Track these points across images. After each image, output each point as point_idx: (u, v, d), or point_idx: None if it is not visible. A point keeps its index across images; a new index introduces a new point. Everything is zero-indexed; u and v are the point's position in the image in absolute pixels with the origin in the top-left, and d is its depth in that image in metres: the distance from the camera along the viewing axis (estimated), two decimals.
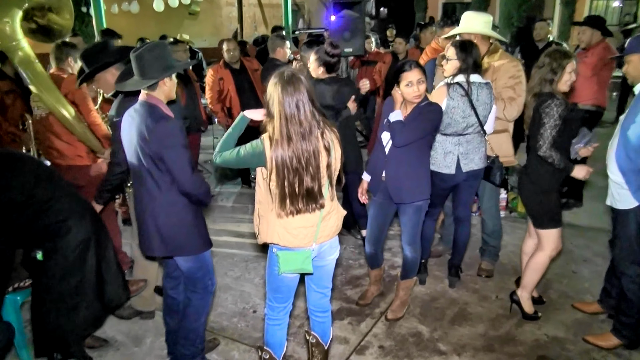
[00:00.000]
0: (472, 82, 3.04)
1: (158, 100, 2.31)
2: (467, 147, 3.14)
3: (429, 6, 16.66)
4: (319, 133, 2.08)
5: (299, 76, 2.06)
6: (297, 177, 2.07)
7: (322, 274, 2.43)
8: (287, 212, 2.13)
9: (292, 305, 2.50)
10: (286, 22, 9.60)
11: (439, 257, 3.93)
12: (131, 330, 3.13)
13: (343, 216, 2.37)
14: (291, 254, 2.21)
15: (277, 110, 2.04)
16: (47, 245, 2.44)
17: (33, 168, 2.43)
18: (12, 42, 3.26)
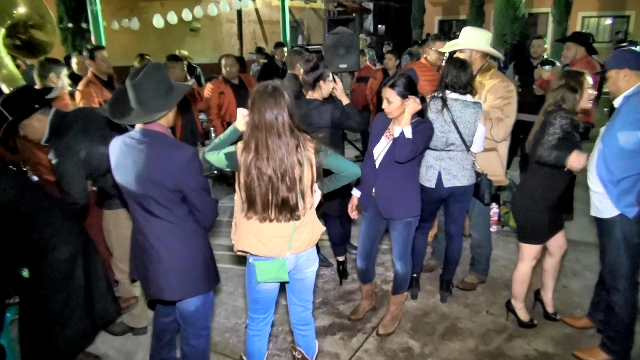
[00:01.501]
0: (456, 99, 3.12)
1: (161, 126, 2.21)
2: (450, 163, 3.19)
3: (425, 23, 16.89)
4: (294, 146, 2.13)
5: (282, 91, 2.12)
6: (270, 185, 2.12)
7: (302, 286, 2.45)
8: (259, 217, 2.18)
9: (272, 317, 2.53)
10: (284, 39, 9.73)
11: (432, 271, 3.96)
12: (123, 346, 3.15)
13: (319, 230, 2.39)
14: (266, 263, 2.24)
15: (257, 120, 2.10)
16: (33, 262, 2.43)
17: (18, 183, 2.42)
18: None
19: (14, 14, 3.49)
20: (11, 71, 3.46)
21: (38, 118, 2.67)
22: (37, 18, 3.64)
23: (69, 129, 2.72)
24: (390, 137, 2.93)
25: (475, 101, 3.18)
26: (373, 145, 3.04)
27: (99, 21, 6.03)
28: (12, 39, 3.55)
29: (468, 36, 3.55)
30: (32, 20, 3.62)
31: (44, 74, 3.67)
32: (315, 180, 2.25)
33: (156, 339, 2.67)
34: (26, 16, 3.58)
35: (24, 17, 3.56)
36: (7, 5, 3.46)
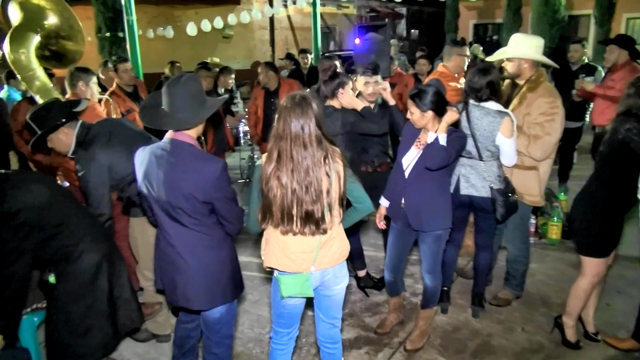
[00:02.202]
0: (476, 105, 3.02)
1: (191, 138, 2.23)
2: (470, 171, 3.10)
3: (459, 27, 16.59)
4: (322, 157, 2.07)
5: (310, 100, 2.06)
6: (294, 197, 2.05)
7: (329, 304, 2.38)
8: (281, 230, 2.13)
9: (297, 331, 2.46)
10: (315, 45, 9.72)
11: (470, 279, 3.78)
12: (147, 353, 3.14)
13: (348, 246, 2.32)
14: (290, 278, 2.19)
15: (282, 129, 2.04)
16: (59, 268, 2.47)
17: (48, 191, 2.47)
18: (29, 72, 3.41)
19: (45, 25, 3.58)
20: (44, 83, 3.54)
21: (64, 132, 2.75)
22: (66, 29, 3.73)
23: (94, 141, 2.78)
24: (420, 147, 2.83)
25: (501, 110, 3.03)
26: (402, 154, 2.94)
27: (134, 30, 6.14)
28: (42, 50, 3.65)
29: (517, 44, 3.31)
30: (62, 31, 3.71)
31: (73, 82, 3.75)
32: (343, 194, 2.17)
33: (178, 346, 2.66)
34: (56, 27, 3.66)
35: (55, 28, 3.64)
36: (39, 17, 3.55)
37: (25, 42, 3.43)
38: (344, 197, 2.18)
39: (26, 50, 3.42)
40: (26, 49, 3.42)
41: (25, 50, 3.41)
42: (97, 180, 2.74)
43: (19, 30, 3.46)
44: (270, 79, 5.28)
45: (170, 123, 2.19)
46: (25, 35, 3.45)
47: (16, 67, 3.46)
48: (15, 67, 3.47)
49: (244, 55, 14.03)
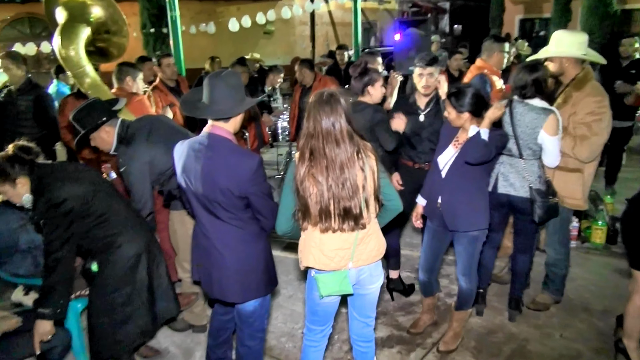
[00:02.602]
0: (520, 102, 2.95)
1: (228, 132, 2.27)
2: (509, 170, 3.03)
3: (504, 22, 16.10)
4: (355, 152, 2.06)
5: (338, 97, 2.05)
6: (331, 194, 2.05)
7: (363, 303, 2.37)
8: (320, 228, 2.12)
9: (331, 329, 2.47)
10: (356, 40, 9.64)
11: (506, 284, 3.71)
12: (183, 343, 3.24)
13: (384, 244, 2.31)
14: (329, 277, 2.18)
15: (313, 128, 2.05)
16: (101, 258, 2.57)
17: (94, 181, 2.58)
18: (79, 69, 3.52)
19: (91, 21, 3.70)
20: (94, 79, 3.65)
21: (106, 130, 2.83)
22: (111, 24, 3.84)
23: (135, 138, 2.86)
24: (457, 146, 2.79)
25: (546, 107, 2.94)
26: (439, 153, 2.90)
27: (178, 26, 6.29)
28: (88, 45, 3.77)
29: (559, 42, 3.20)
30: (107, 26, 3.82)
31: (121, 77, 3.88)
32: (377, 189, 2.16)
33: (213, 337, 2.73)
34: (102, 23, 3.78)
35: (100, 23, 3.76)
36: (84, 13, 3.66)
37: (75, 38, 3.53)
38: (379, 191, 2.17)
39: (76, 47, 3.53)
40: (76, 46, 3.53)
41: (75, 46, 3.52)
42: (138, 175, 2.83)
43: (68, 27, 3.56)
44: (306, 76, 5.32)
45: (208, 112, 2.25)
46: (75, 32, 3.55)
47: (67, 64, 3.58)
48: (66, 64, 3.59)
49: (284, 51, 14.14)
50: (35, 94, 4.15)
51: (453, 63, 5.88)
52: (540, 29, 16.91)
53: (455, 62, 5.83)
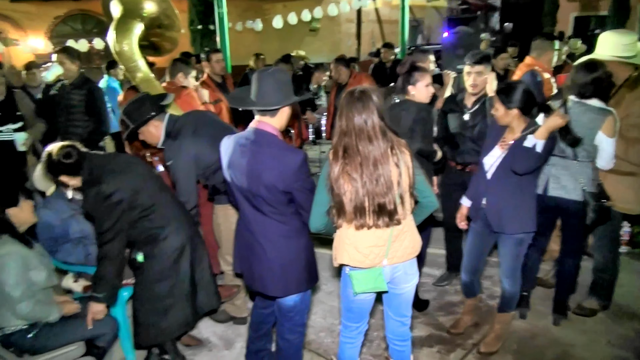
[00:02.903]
0: (577, 102, 2.83)
1: (274, 128, 2.29)
2: (561, 172, 2.92)
3: (558, 20, 15.50)
4: (389, 149, 2.04)
5: (370, 94, 2.04)
6: (365, 191, 2.04)
7: (399, 302, 2.35)
8: (355, 225, 2.11)
9: (367, 326, 2.46)
10: (402, 38, 9.52)
11: (551, 288, 3.58)
12: (224, 334, 3.31)
13: (420, 242, 2.28)
14: (363, 273, 2.17)
15: (345, 125, 2.05)
16: (146, 249, 2.65)
17: (143, 174, 2.66)
18: (132, 63, 3.62)
19: (145, 16, 3.80)
20: (146, 73, 3.76)
21: (154, 124, 2.91)
22: (164, 19, 3.94)
23: (181, 132, 2.93)
24: (504, 147, 2.71)
25: (604, 108, 2.82)
26: (485, 154, 2.83)
27: (225, 23, 6.41)
28: (141, 40, 3.89)
29: (601, 44, 3.11)
30: (160, 21, 3.92)
31: (173, 72, 3.99)
32: (413, 185, 2.13)
33: (253, 329, 2.77)
34: (155, 17, 3.88)
35: (154, 18, 3.86)
36: (138, 8, 3.77)
37: (128, 33, 3.64)
38: (414, 187, 2.14)
39: (130, 42, 3.64)
40: (129, 40, 3.64)
41: (129, 41, 3.64)
42: (184, 169, 2.90)
43: (122, 22, 3.68)
44: (341, 73, 5.34)
45: (254, 104, 2.28)
46: (129, 27, 3.67)
47: (121, 58, 3.71)
48: (120, 58, 3.71)
49: (329, 48, 14.13)
50: (87, 89, 4.31)
51: (499, 62, 5.70)
52: (596, 27, 16.17)
53: (501, 61, 5.65)
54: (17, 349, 2.49)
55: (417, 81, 3.14)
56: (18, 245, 2.50)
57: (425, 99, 3.19)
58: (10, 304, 2.42)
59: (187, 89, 3.96)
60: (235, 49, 7.06)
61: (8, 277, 2.40)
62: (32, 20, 13.04)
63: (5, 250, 2.43)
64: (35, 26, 13.06)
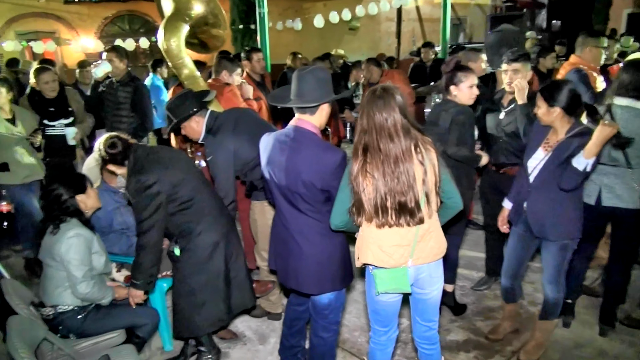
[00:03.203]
0: (625, 106, 2.69)
1: (314, 126, 2.30)
2: (614, 181, 2.76)
3: (610, 17, 14.84)
4: (412, 146, 2.00)
5: (392, 92, 2.01)
6: (386, 189, 2.00)
7: (425, 307, 2.29)
8: (377, 223, 2.07)
9: (396, 332, 2.41)
10: (444, 37, 9.36)
11: (598, 297, 3.43)
12: (259, 328, 3.34)
13: (445, 243, 2.21)
14: (386, 272, 2.13)
15: (366, 123, 2.02)
16: (182, 243, 2.70)
17: (184, 168, 2.70)
18: (179, 60, 3.71)
19: (192, 15, 3.90)
20: (192, 70, 3.85)
21: (196, 120, 2.97)
22: (211, 17, 4.03)
23: (221, 129, 2.97)
24: (548, 149, 2.61)
25: None
26: (528, 156, 2.73)
27: (265, 22, 6.47)
28: (190, 38, 3.99)
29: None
30: (207, 19, 4.01)
31: (218, 70, 4.06)
32: (439, 183, 2.08)
33: (287, 326, 2.78)
34: (203, 16, 3.97)
35: (201, 17, 3.95)
36: (187, 7, 3.87)
37: (176, 31, 3.75)
38: (440, 186, 2.09)
39: (177, 40, 3.74)
40: (177, 38, 3.74)
41: (176, 39, 3.74)
42: (223, 164, 2.94)
43: (171, 21, 3.79)
44: (373, 72, 5.31)
45: (294, 102, 2.29)
46: (177, 25, 3.78)
47: (168, 55, 3.81)
48: (168, 55, 3.82)
49: (369, 47, 14.04)
50: (133, 86, 4.44)
51: (548, 61, 5.51)
52: None
53: (550, 60, 5.45)
54: (65, 329, 2.60)
55: (460, 81, 3.05)
56: (85, 229, 2.64)
57: (468, 100, 3.09)
58: (73, 283, 2.55)
59: (230, 86, 4.02)
60: (275, 48, 7.11)
61: (74, 257, 2.54)
62: (84, 20, 13.58)
63: (74, 232, 2.57)
64: (86, 26, 13.60)
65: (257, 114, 3.48)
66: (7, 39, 11.62)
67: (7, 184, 3.81)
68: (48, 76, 4.26)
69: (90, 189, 2.75)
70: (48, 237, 2.60)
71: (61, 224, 2.59)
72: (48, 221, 2.63)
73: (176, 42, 3.72)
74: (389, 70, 5.80)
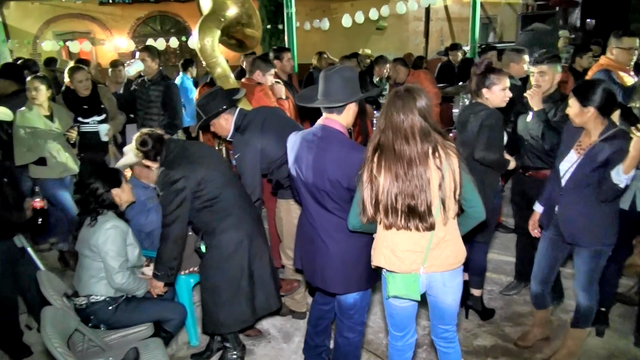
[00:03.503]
0: None
1: (341, 125, 2.30)
2: None
3: None
4: (429, 150, 1.95)
5: (414, 93, 1.97)
6: (397, 190, 1.97)
7: (441, 312, 2.24)
8: (385, 224, 2.04)
9: (415, 337, 2.37)
10: (473, 36, 9.22)
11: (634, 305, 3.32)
12: (283, 327, 3.35)
13: (464, 253, 2.14)
14: (398, 277, 2.10)
15: (383, 123, 2.00)
16: (207, 239, 2.73)
17: (214, 165, 2.71)
18: (213, 59, 3.77)
19: (227, 15, 3.96)
20: (225, 69, 3.91)
21: (225, 117, 3.00)
22: (246, 18, 4.09)
23: (249, 127, 3.00)
24: (580, 152, 2.54)
25: None
26: (560, 159, 2.66)
27: (293, 22, 6.49)
28: (227, 37, 4.06)
29: None
30: (242, 20, 4.07)
31: (252, 69, 4.10)
32: (458, 190, 2.00)
33: (312, 325, 2.78)
34: (237, 17, 4.03)
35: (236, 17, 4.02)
36: (223, 8, 3.94)
37: (210, 31, 3.83)
38: (459, 193, 2.02)
39: (211, 39, 3.81)
40: (211, 38, 3.81)
41: (211, 39, 3.81)
42: (249, 162, 2.97)
43: (206, 21, 3.88)
44: (400, 72, 5.29)
45: (321, 101, 2.30)
46: (211, 25, 3.86)
47: (202, 54, 3.89)
48: (202, 54, 3.90)
49: (396, 46, 13.93)
50: (164, 85, 4.53)
51: (584, 61, 5.36)
52: None
53: (587, 59, 5.30)
54: (96, 319, 2.67)
55: (493, 84, 2.95)
56: (121, 221, 2.71)
57: (500, 103, 3.01)
58: (109, 273, 2.62)
59: (262, 85, 4.05)
60: (302, 48, 7.13)
61: (111, 248, 2.61)
62: (117, 21, 13.89)
63: (111, 223, 2.64)
64: (119, 27, 13.91)
65: (285, 113, 3.49)
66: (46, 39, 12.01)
67: (44, 178, 3.93)
68: (82, 75, 4.37)
69: (125, 183, 2.81)
70: (85, 229, 2.67)
71: (98, 216, 2.66)
72: (85, 214, 2.70)
73: (210, 42, 3.80)
74: (415, 70, 5.74)
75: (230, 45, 4.33)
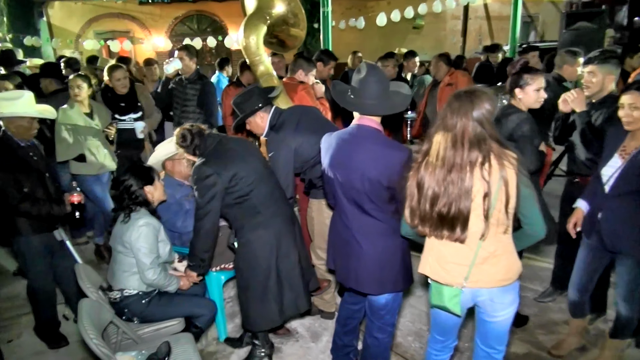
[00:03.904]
0: None
1: (377, 124, 2.29)
2: None
3: None
4: (478, 158, 1.86)
5: (474, 98, 1.87)
6: (432, 195, 1.91)
7: (486, 330, 2.16)
8: (419, 230, 2.01)
9: (455, 342, 2.33)
10: (513, 35, 8.98)
11: None
12: (312, 326, 3.35)
13: (518, 268, 2.04)
14: (439, 288, 2.05)
15: (438, 124, 1.95)
16: (238, 236, 2.75)
17: (249, 162, 2.72)
18: (256, 57, 3.79)
19: (273, 14, 3.98)
20: (268, 67, 3.92)
21: (260, 116, 3.02)
22: (291, 17, 4.09)
23: (284, 125, 3.00)
24: (625, 157, 2.44)
25: None
26: (604, 163, 2.56)
27: (329, 21, 6.48)
28: (270, 36, 4.07)
29: None
30: (287, 19, 4.07)
31: (294, 68, 4.11)
32: (510, 204, 1.89)
33: (341, 325, 2.78)
34: (283, 15, 4.04)
35: (282, 16, 4.02)
36: (269, 6, 3.95)
37: (255, 29, 3.84)
38: (512, 207, 1.90)
39: (256, 37, 3.83)
40: (256, 36, 3.83)
41: (256, 36, 3.82)
42: (283, 161, 2.97)
43: (251, 19, 3.90)
44: (440, 69, 5.17)
45: (358, 106, 2.29)
46: (256, 23, 3.87)
47: (246, 51, 3.91)
48: (246, 51, 3.92)
49: (432, 46, 13.74)
50: (201, 84, 4.61)
51: (635, 61, 5.15)
52: None
53: (637, 59, 5.10)
54: (129, 312, 2.74)
55: (526, 84, 2.85)
56: (153, 218, 2.77)
57: (534, 104, 2.89)
58: (141, 269, 2.68)
59: (304, 84, 4.06)
60: (337, 47, 7.10)
61: (144, 244, 2.67)
62: (156, 20, 14.22)
63: (144, 220, 2.70)
64: (157, 26, 14.24)
65: (321, 113, 3.49)
66: (87, 38, 12.42)
67: (84, 174, 4.05)
68: (120, 73, 4.48)
69: (157, 181, 2.86)
70: (119, 225, 2.73)
71: (132, 213, 2.72)
72: (120, 210, 2.77)
73: (255, 40, 3.81)
74: (454, 70, 5.63)
75: (271, 45, 4.33)
